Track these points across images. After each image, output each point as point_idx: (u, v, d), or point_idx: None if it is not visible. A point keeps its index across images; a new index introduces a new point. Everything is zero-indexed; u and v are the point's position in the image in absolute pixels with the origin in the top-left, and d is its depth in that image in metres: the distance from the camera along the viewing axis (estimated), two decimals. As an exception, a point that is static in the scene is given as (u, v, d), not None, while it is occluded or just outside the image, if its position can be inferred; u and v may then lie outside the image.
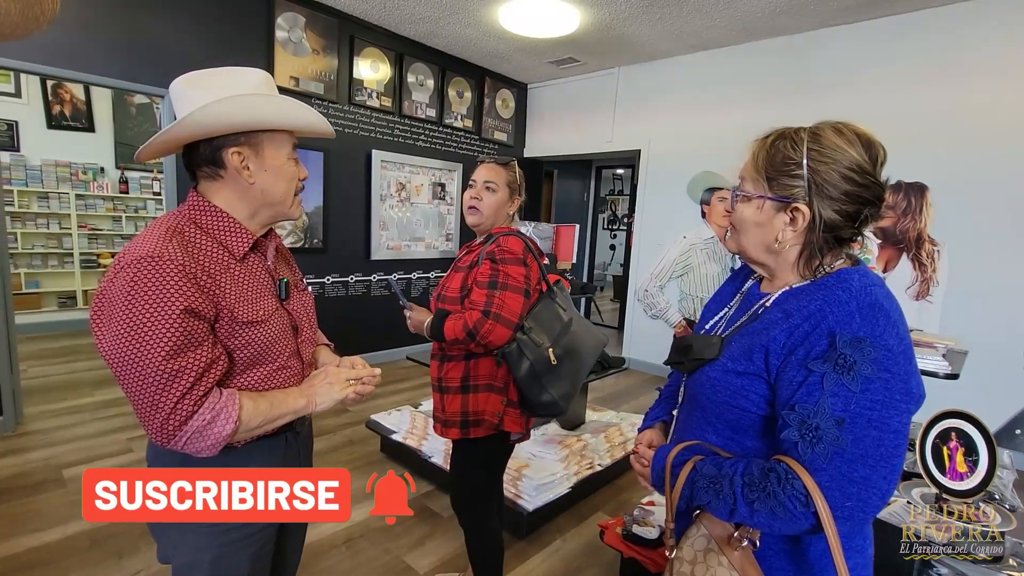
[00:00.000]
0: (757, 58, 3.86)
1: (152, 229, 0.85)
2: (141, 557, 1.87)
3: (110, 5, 2.87)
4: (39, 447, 2.66)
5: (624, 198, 8.95)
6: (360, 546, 2.03)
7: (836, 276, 0.75)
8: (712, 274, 4.39)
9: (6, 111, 4.63)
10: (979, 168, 3.03)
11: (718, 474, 0.75)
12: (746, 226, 0.82)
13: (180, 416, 0.80)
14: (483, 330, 1.30)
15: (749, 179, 0.81)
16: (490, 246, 1.39)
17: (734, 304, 0.93)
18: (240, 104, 0.87)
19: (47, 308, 5.08)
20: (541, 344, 1.37)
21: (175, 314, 0.79)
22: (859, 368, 0.66)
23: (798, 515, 0.68)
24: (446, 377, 1.46)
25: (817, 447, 0.67)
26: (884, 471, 0.66)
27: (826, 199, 0.74)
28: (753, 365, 0.76)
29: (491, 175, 1.47)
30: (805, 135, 0.77)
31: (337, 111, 3.94)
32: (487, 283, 1.35)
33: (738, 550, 0.74)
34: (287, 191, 0.97)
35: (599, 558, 2.03)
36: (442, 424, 1.49)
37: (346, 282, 4.21)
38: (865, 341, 0.67)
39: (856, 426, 0.66)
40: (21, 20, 0.74)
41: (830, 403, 0.67)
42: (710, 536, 0.78)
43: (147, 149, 0.93)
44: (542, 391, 1.38)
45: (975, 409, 1.26)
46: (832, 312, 0.70)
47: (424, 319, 1.47)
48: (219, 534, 0.92)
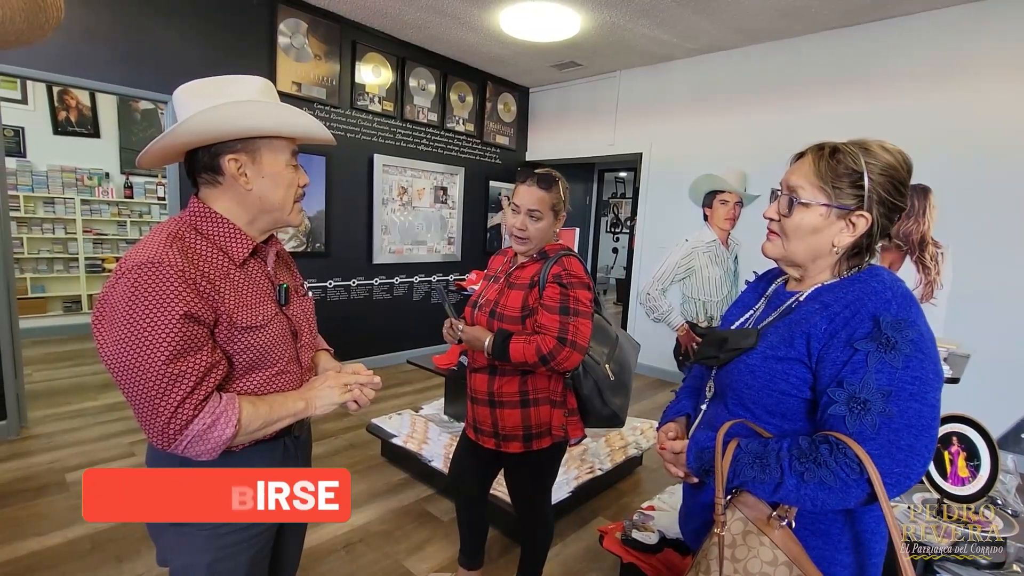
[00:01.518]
0: (759, 61, 3.86)
1: (153, 235, 0.86)
2: (141, 561, 1.87)
3: (115, 13, 2.91)
4: (42, 451, 2.68)
5: (627, 201, 8.95)
6: (359, 550, 2.03)
7: (868, 272, 0.84)
8: (714, 277, 4.38)
9: (13, 117, 4.68)
10: (982, 170, 3.01)
11: (764, 450, 0.79)
12: (801, 233, 0.86)
13: (181, 420, 0.80)
14: (560, 357, 1.33)
15: (811, 188, 0.84)
16: (555, 267, 1.39)
17: (759, 306, 0.97)
18: (232, 111, 0.88)
19: (53, 312, 5.12)
20: (600, 362, 1.43)
21: (175, 319, 0.80)
22: (900, 347, 0.73)
23: (851, 483, 0.71)
24: (500, 392, 1.46)
25: (865, 418, 0.72)
26: (925, 440, 0.72)
27: (882, 206, 0.81)
28: (794, 351, 0.81)
29: (535, 202, 1.40)
30: (857, 149, 0.82)
31: (339, 116, 3.96)
32: (558, 308, 1.36)
33: (778, 529, 0.77)
34: (285, 198, 0.97)
35: (599, 563, 2.02)
36: (497, 439, 1.48)
37: (348, 286, 4.22)
38: (904, 323, 0.74)
39: (900, 399, 0.72)
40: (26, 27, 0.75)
41: (875, 378, 0.73)
42: (747, 519, 0.80)
43: (146, 156, 0.94)
44: (604, 405, 1.45)
45: (978, 413, 1.25)
46: (871, 299, 0.77)
47: (482, 336, 1.43)
48: (217, 537, 0.93)
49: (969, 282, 3.11)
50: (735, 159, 4.04)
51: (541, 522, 1.62)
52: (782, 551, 0.75)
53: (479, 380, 1.51)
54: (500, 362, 1.41)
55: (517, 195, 1.44)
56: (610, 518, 2.32)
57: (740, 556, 0.78)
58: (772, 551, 0.76)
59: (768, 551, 0.76)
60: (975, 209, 3.04)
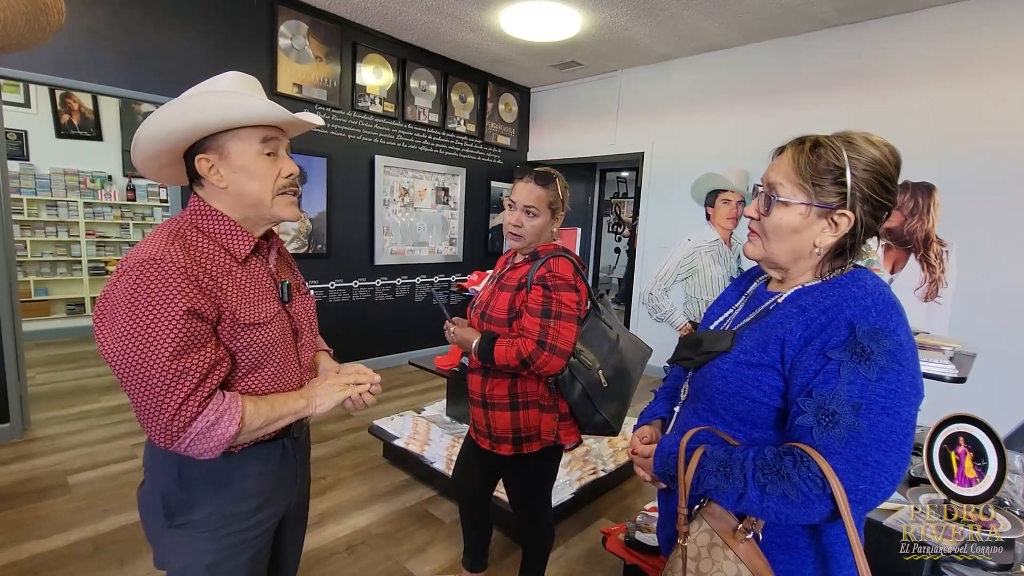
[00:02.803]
0: (760, 60, 3.84)
1: (155, 234, 0.86)
2: (143, 563, 1.87)
3: (116, 16, 2.91)
4: (45, 453, 2.68)
5: (628, 201, 8.93)
6: (362, 552, 2.02)
7: (850, 275, 0.79)
8: (716, 276, 4.37)
9: (16, 121, 4.69)
10: (987, 167, 2.98)
11: (728, 458, 0.76)
12: (781, 232, 0.81)
13: (185, 418, 0.80)
14: (539, 361, 1.30)
15: (790, 185, 0.80)
16: (540, 269, 1.36)
17: (739, 305, 0.93)
18: (171, 111, 0.86)
19: (56, 315, 5.13)
20: (591, 367, 1.36)
21: (179, 314, 0.79)
22: (875, 358, 0.69)
23: (812, 498, 0.68)
24: (491, 394, 1.45)
25: (833, 431, 0.68)
26: (895, 457, 0.69)
27: (866, 204, 0.77)
28: (767, 356, 0.78)
29: (531, 199, 1.41)
30: (840, 143, 0.78)
31: (340, 117, 3.96)
32: (540, 311, 1.33)
33: (743, 542, 0.74)
34: (262, 189, 0.92)
35: (601, 565, 2.00)
36: (491, 440, 1.47)
37: (350, 287, 4.22)
38: (881, 333, 0.70)
39: (871, 412, 0.68)
40: (27, 31, 0.75)
41: (847, 390, 0.69)
42: (713, 531, 0.78)
43: (146, 171, 0.97)
44: (595, 413, 1.38)
45: (984, 413, 1.23)
46: (849, 306, 0.73)
47: (470, 337, 1.43)
48: (217, 538, 0.92)
49: (974, 280, 3.09)
50: (737, 158, 4.02)
51: (540, 525, 1.60)
52: (746, 566, 0.73)
53: (474, 381, 1.51)
54: (488, 364, 1.41)
55: (515, 192, 1.45)
56: (613, 519, 2.31)
57: (704, 570, 0.75)
58: (736, 565, 0.73)
59: (732, 565, 0.73)
60: (980, 207, 3.02)
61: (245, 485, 0.94)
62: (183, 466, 0.90)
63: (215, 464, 0.90)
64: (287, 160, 0.96)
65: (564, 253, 1.41)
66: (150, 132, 0.87)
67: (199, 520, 0.91)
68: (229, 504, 0.93)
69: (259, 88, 0.96)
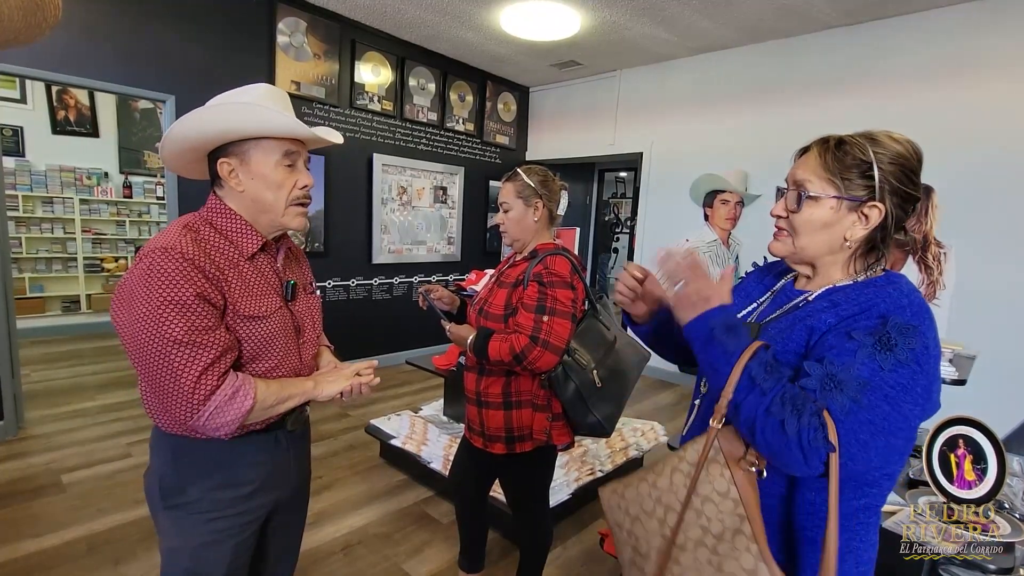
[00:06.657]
0: (760, 60, 3.84)
1: (171, 226, 0.94)
2: (138, 564, 1.86)
3: (114, 11, 2.89)
4: (40, 451, 2.66)
5: (627, 201, 8.93)
6: (358, 553, 2.01)
7: (885, 277, 0.80)
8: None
9: (11, 117, 4.67)
10: (986, 169, 2.99)
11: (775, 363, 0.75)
12: (812, 228, 0.82)
13: (205, 390, 0.85)
14: (531, 356, 1.31)
15: (819, 181, 0.81)
16: (537, 266, 1.37)
17: (764, 300, 0.93)
18: (209, 115, 0.92)
19: (51, 312, 5.11)
20: (586, 366, 1.36)
21: (190, 296, 0.85)
22: (897, 351, 0.69)
23: (794, 447, 0.67)
24: (485, 392, 1.45)
25: (836, 397, 0.68)
26: (881, 444, 0.69)
27: (895, 196, 0.78)
28: (792, 343, 0.78)
29: (502, 195, 1.51)
30: (864, 139, 0.79)
31: (338, 115, 3.95)
32: (535, 307, 1.34)
33: (744, 471, 0.75)
34: (276, 199, 0.99)
35: (599, 566, 2.00)
36: (484, 439, 1.47)
37: (347, 286, 4.21)
38: (912, 330, 0.70)
39: (875, 394, 0.68)
40: (24, 27, 0.74)
41: (858, 368, 0.69)
42: (719, 450, 0.78)
43: (170, 164, 1.04)
44: (587, 413, 1.37)
45: (984, 415, 1.23)
46: (885, 301, 0.74)
47: (465, 334, 1.45)
48: (207, 521, 0.96)
49: (973, 283, 3.08)
50: (736, 158, 4.02)
51: (536, 525, 1.60)
52: (738, 490, 0.74)
53: (469, 379, 1.51)
54: (483, 360, 1.41)
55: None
56: (611, 520, 2.30)
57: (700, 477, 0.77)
58: (729, 485, 0.75)
59: (724, 484, 0.75)
60: (979, 209, 3.02)
61: (236, 472, 0.98)
62: (177, 450, 0.95)
63: (207, 450, 0.94)
64: (304, 172, 1.03)
65: (562, 252, 1.42)
66: (181, 131, 0.94)
67: (190, 503, 0.95)
68: (218, 490, 0.96)
69: (288, 103, 1.01)
